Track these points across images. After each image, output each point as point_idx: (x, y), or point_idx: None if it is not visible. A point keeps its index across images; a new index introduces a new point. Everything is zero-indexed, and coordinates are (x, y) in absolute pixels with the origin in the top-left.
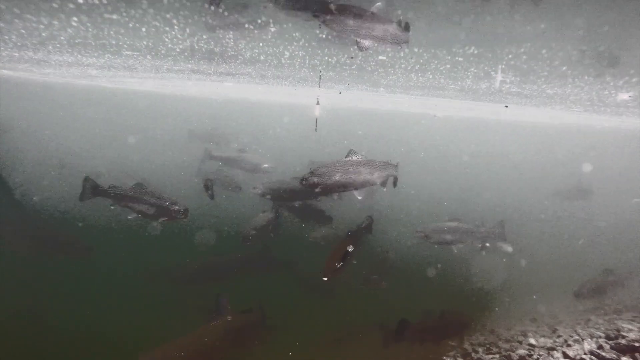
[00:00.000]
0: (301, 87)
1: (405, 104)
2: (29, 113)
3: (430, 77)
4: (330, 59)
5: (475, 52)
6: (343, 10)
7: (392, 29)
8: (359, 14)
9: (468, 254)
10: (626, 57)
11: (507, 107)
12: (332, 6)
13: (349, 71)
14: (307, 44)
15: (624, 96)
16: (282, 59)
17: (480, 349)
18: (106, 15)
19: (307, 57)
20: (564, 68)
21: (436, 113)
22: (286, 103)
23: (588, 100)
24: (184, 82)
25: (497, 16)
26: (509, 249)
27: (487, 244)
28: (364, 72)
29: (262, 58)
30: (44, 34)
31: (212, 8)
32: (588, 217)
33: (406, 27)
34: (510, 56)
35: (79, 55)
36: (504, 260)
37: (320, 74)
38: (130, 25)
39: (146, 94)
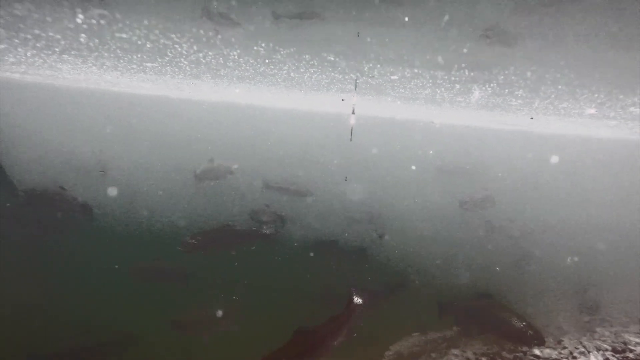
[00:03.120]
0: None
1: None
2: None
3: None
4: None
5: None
6: None
7: None
8: None
9: None
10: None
11: (532, 118)
12: None
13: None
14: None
15: (591, 110)
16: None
17: (483, 359)
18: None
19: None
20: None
21: (434, 120)
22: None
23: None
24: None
25: None
26: None
27: None
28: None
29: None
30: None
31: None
32: None
33: None
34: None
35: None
36: None
37: (357, 81)
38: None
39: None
